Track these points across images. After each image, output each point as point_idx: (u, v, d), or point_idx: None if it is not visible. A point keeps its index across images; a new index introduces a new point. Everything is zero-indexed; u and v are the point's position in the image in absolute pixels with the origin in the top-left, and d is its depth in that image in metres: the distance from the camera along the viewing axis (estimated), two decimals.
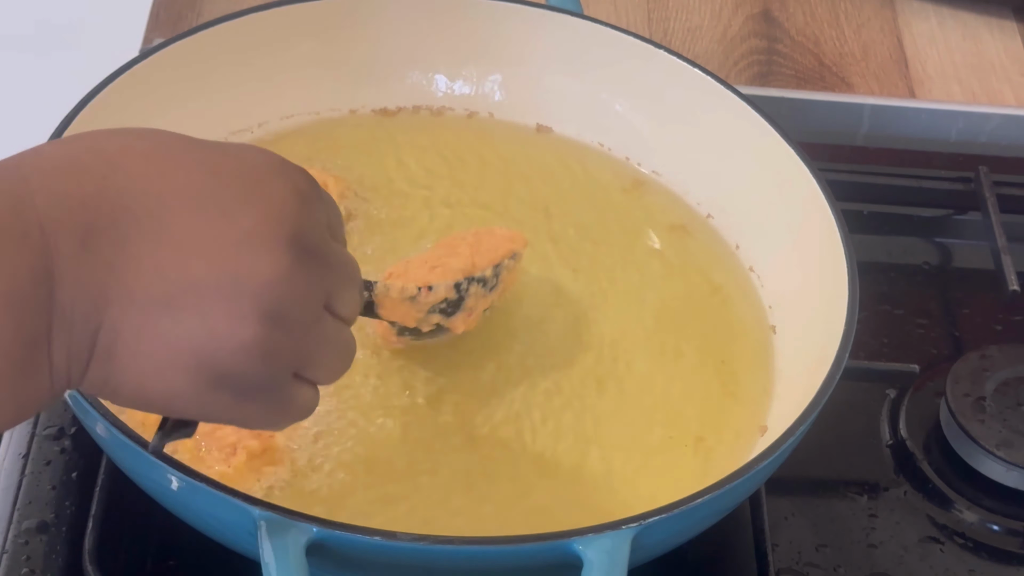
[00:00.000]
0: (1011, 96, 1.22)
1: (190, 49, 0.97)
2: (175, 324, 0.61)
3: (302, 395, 0.67)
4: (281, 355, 0.64)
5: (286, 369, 0.65)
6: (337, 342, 0.67)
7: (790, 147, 0.96)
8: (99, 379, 0.62)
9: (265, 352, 0.63)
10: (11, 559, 0.85)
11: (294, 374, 0.66)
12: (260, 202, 0.63)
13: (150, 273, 0.61)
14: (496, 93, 1.06)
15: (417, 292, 0.84)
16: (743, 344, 0.94)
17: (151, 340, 0.61)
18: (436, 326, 0.86)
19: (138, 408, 0.65)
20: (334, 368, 0.68)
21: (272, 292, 0.62)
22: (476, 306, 0.87)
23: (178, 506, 0.79)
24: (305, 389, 0.67)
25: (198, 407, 0.64)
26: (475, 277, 0.86)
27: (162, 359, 0.62)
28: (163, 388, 0.63)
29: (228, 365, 0.62)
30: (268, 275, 0.62)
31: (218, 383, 0.63)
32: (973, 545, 0.93)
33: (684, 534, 0.81)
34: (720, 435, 0.88)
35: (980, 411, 0.96)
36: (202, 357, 0.62)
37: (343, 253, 0.68)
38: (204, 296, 0.61)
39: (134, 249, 0.61)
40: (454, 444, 0.86)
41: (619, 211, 1.01)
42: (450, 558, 0.73)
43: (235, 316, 0.62)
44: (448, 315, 0.86)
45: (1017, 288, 1.05)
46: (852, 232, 0.90)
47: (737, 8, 1.28)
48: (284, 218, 0.63)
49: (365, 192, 0.99)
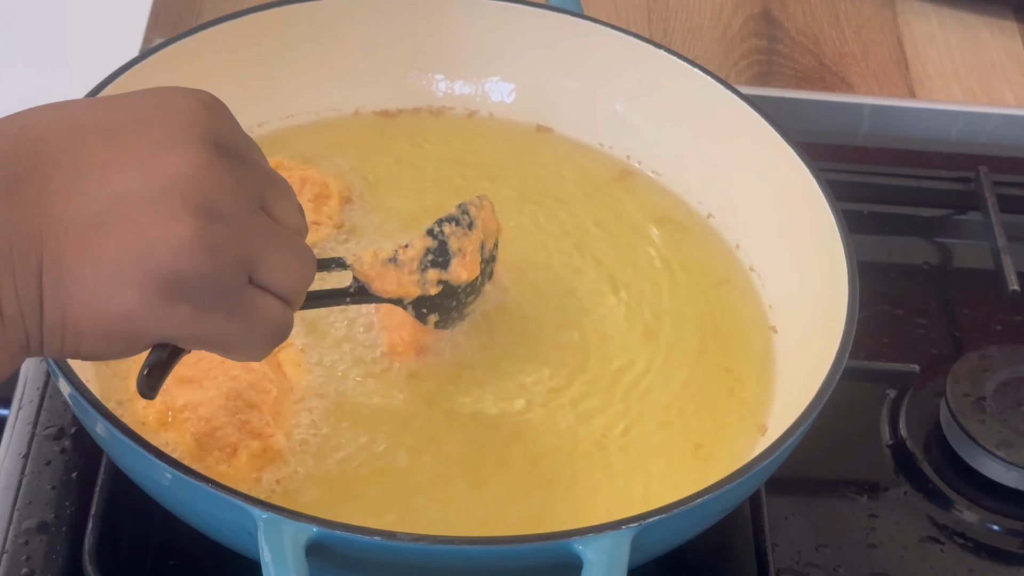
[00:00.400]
0: (1011, 96, 1.22)
1: (190, 49, 0.97)
2: (111, 240, 0.62)
3: (265, 304, 0.66)
4: (224, 247, 0.63)
5: (234, 266, 0.64)
6: (285, 241, 0.67)
7: (790, 147, 0.96)
8: (56, 321, 0.63)
9: (206, 245, 0.63)
10: (11, 559, 0.85)
11: (250, 281, 0.65)
12: (168, 115, 0.64)
13: (76, 200, 0.62)
14: (496, 93, 1.06)
15: (394, 253, 0.83)
16: (743, 344, 0.94)
17: (93, 262, 0.62)
18: (441, 284, 0.85)
19: (106, 352, 0.65)
20: (288, 269, 0.67)
21: (196, 184, 0.63)
22: (465, 247, 0.85)
23: (178, 506, 0.79)
24: (267, 298, 0.66)
25: (160, 324, 0.64)
26: (442, 218, 0.85)
27: (109, 278, 0.62)
28: (119, 310, 0.63)
29: (173, 267, 0.62)
30: (188, 168, 0.63)
31: (171, 292, 0.63)
32: (973, 545, 0.93)
33: (684, 534, 0.81)
34: (720, 435, 0.88)
35: (980, 411, 0.96)
36: (146, 266, 0.62)
37: (267, 165, 0.68)
38: (132, 205, 0.62)
39: (57, 185, 0.62)
40: (455, 444, 0.86)
41: (619, 210, 1.01)
42: (450, 558, 0.73)
43: (166, 216, 0.62)
44: (444, 267, 0.85)
45: (1017, 288, 1.05)
46: (852, 232, 0.90)
47: (737, 8, 1.28)
48: (194, 122, 0.64)
49: (365, 192, 0.99)
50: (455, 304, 0.86)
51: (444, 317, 0.87)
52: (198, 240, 0.62)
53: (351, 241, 0.95)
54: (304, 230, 0.70)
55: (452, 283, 0.85)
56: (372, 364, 0.88)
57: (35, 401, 0.93)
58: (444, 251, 0.85)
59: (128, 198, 0.62)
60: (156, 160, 0.62)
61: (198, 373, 0.84)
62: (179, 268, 0.62)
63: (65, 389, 0.78)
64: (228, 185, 0.64)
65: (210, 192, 0.63)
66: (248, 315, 0.66)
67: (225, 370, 0.84)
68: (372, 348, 0.89)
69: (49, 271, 0.62)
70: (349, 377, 0.87)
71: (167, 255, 0.62)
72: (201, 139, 0.63)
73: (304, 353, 0.88)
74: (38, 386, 0.94)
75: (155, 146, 0.63)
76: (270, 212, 0.66)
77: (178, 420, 0.82)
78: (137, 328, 0.64)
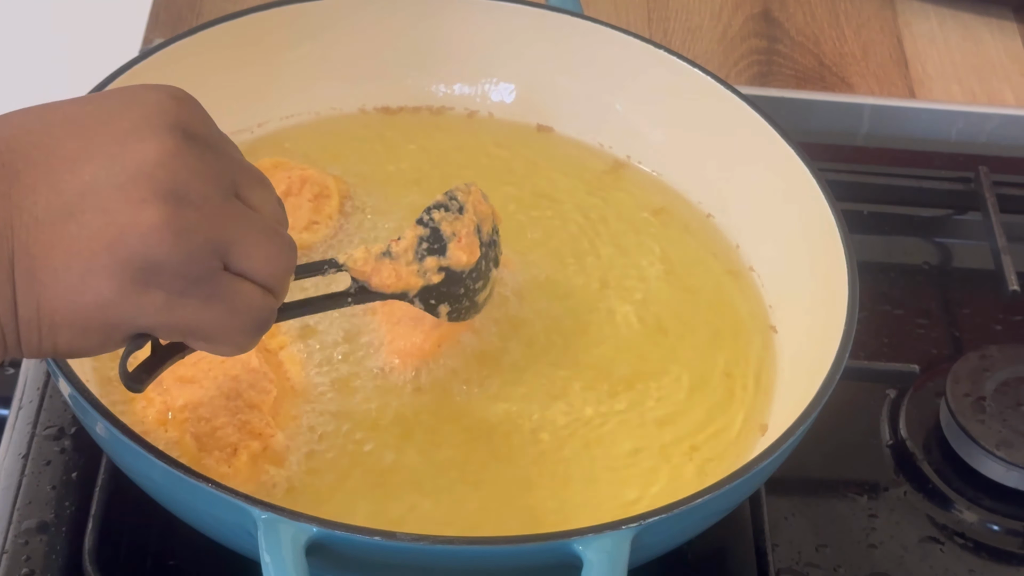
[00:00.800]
0: (1011, 96, 1.22)
1: (190, 49, 0.97)
2: (81, 228, 0.62)
3: (242, 290, 0.66)
4: (194, 232, 0.63)
5: (205, 249, 0.64)
6: (259, 227, 0.66)
7: (790, 147, 0.96)
8: (31, 314, 0.63)
9: (176, 229, 0.63)
10: (11, 559, 0.85)
11: (224, 267, 0.65)
12: (136, 107, 0.65)
13: (46, 191, 0.62)
14: (496, 93, 1.06)
15: (387, 246, 0.82)
16: (743, 344, 0.94)
17: (64, 251, 0.62)
18: (443, 272, 0.83)
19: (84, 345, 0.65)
20: (265, 255, 0.67)
21: (164, 170, 0.63)
22: (459, 230, 0.84)
23: (178, 506, 0.79)
24: (244, 284, 0.66)
25: (135, 312, 0.64)
26: (430, 206, 0.84)
27: (81, 267, 0.62)
28: (93, 299, 0.63)
29: (143, 253, 0.62)
30: (156, 155, 0.63)
31: (143, 278, 0.63)
32: (973, 545, 0.93)
33: (684, 534, 0.81)
34: (720, 435, 0.88)
35: (980, 411, 0.96)
36: (117, 252, 0.62)
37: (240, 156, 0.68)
38: (101, 194, 0.62)
39: (27, 179, 0.62)
40: (455, 444, 0.86)
41: (618, 210, 1.01)
42: (450, 558, 0.73)
43: (135, 202, 0.62)
44: (441, 253, 0.83)
45: (1017, 288, 1.05)
46: (852, 232, 0.90)
47: (737, 8, 1.28)
48: (162, 112, 0.64)
49: (365, 192, 0.99)
50: (463, 292, 0.85)
51: (456, 307, 0.85)
52: (168, 224, 0.62)
53: (351, 241, 0.95)
54: (284, 220, 0.70)
55: (454, 268, 0.84)
56: (373, 365, 0.88)
57: (35, 401, 0.93)
58: (438, 237, 0.84)
59: (97, 187, 0.62)
60: (124, 149, 0.63)
61: (198, 373, 0.84)
62: (150, 253, 0.62)
63: (65, 389, 0.78)
64: (197, 170, 0.64)
65: (179, 177, 0.63)
66: (225, 302, 0.66)
67: (225, 370, 0.84)
68: (374, 349, 0.89)
69: (21, 262, 0.62)
70: (350, 378, 0.87)
71: (137, 241, 0.62)
72: (169, 127, 0.64)
73: (305, 353, 0.88)
74: (38, 386, 0.94)
75: (123, 136, 0.63)
76: (245, 200, 0.67)
77: (178, 420, 0.82)
78: (112, 317, 0.64)
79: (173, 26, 1.19)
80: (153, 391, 0.83)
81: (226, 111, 0.98)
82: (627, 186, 1.03)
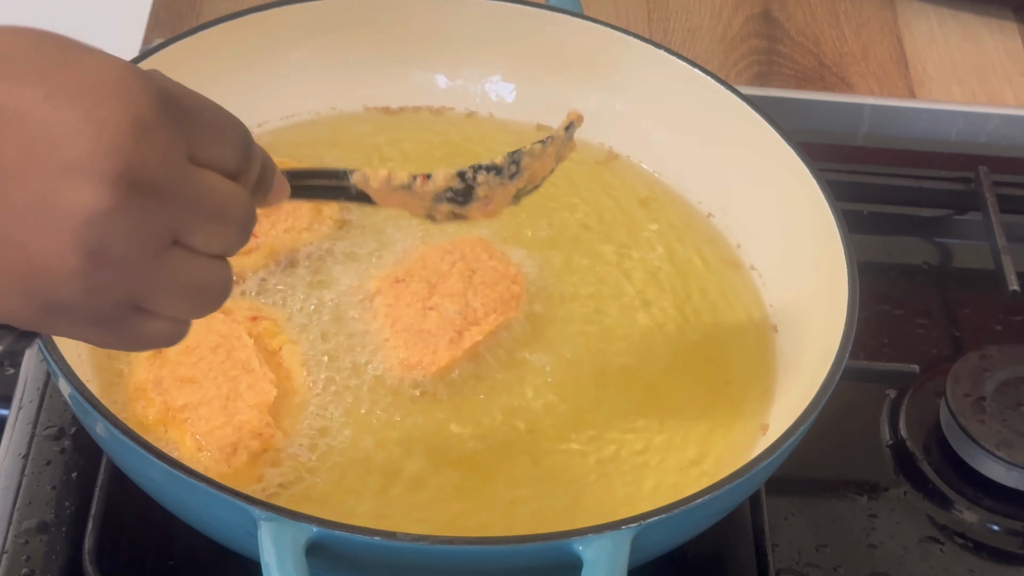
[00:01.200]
0: (1011, 96, 1.22)
1: (190, 49, 0.97)
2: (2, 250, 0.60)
3: (149, 327, 0.64)
4: (106, 292, 0.61)
5: (118, 305, 0.62)
6: (187, 278, 0.63)
7: (790, 147, 0.96)
8: None
9: (86, 288, 0.61)
10: (11, 559, 0.85)
11: (138, 307, 0.63)
12: (92, 130, 0.59)
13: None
14: (496, 93, 1.06)
15: (411, 181, 0.76)
16: (744, 343, 0.94)
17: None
18: (452, 215, 0.79)
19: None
20: (181, 306, 0.64)
21: (92, 230, 0.59)
22: (494, 195, 0.79)
23: (178, 506, 0.79)
24: (153, 321, 0.64)
25: (41, 326, 0.63)
26: (482, 165, 0.78)
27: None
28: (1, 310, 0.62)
29: (52, 296, 0.61)
30: (89, 211, 0.59)
31: (51, 310, 0.61)
32: (973, 545, 0.93)
33: (684, 534, 0.81)
34: (720, 434, 0.88)
35: (980, 411, 0.96)
36: (27, 286, 0.61)
37: (207, 184, 0.63)
38: (23, 225, 0.60)
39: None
40: (455, 444, 0.86)
41: (618, 209, 1.01)
42: (450, 558, 0.73)
43: (54, 249, 0.60)
44: (460, 204, 0.79)
45: (1017, 288, 1.05)
46: (852, 232, 0.90)
47: (737, 8, 1.28)
48: (116, 150, 0.59)
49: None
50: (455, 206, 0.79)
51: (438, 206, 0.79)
52: (78, 281, 0.60)
53: (351, 241, 0.95)
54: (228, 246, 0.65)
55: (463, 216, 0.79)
56: (375, 367, 0.88)
57: (35, 401, 0.93)
58: (468, 195, 0.79)
59: (20, 216, 0.59)
60: (59, 189, 0.59)
61: (198, 373, 0.84)
62: (58, 298, 0.61)
63: (65, 389, 0.78)
64: (125, 231, 0.60)
65: (102, 239, 0.60)
66: (125, 335, 0.64)
67: (225, 370, 0.84)
68: (375, 350, 0.89)
69: None
70: (350, 378, 0.87)
71: (46, 285, 0.60)
72: (115, 176, 0.59)
73: (306, 353, 0.88)
74: (38, 386, 0.94)
75: (64, 170, 0.59)
76: (187, 243, 0.63)
77: (178, 420, 0.82)
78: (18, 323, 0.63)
79: (173, 26, 1.19)
80: (153, 391, 0.83)
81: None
82: (626, 185, 1.03)
